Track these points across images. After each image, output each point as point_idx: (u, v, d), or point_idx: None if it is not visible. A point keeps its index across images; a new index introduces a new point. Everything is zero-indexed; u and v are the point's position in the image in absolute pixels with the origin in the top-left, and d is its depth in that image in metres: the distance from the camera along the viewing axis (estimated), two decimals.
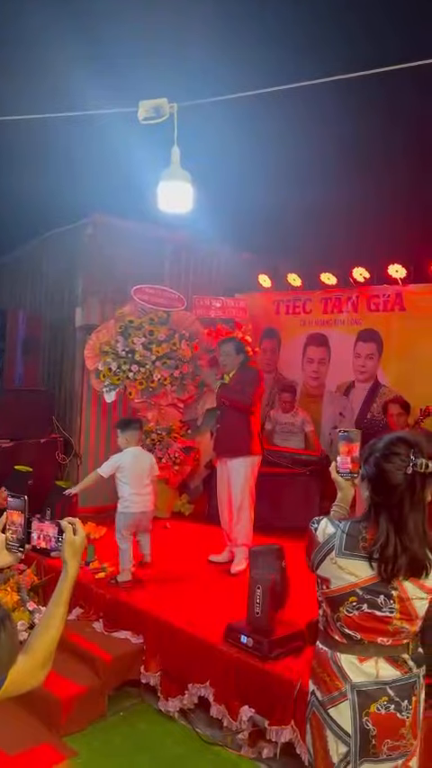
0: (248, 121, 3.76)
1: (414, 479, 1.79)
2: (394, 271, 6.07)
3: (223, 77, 3.01)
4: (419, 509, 1.82)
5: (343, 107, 3.53)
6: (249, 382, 4.80)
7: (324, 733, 1.92)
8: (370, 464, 1.87)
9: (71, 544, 1.68)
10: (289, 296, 7.18)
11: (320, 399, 6.91)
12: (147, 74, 2.93)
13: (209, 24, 2.75)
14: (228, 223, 5.85)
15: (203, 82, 3.05)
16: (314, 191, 4.80)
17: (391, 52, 2.79)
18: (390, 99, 3.47)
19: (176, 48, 2.93)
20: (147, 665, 3.70)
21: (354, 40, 2.85)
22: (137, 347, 6.00)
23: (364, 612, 1.84)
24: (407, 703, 1.88)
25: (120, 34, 2.83)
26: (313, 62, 2.99)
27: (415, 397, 5.65)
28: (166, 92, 2.84)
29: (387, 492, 1.82)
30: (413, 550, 1.79)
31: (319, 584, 1.95)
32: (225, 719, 3.26)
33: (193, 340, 6.33)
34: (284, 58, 3.03)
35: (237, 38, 2.85)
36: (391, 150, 4.20)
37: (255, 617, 3.32)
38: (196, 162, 3.54)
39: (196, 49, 2.90)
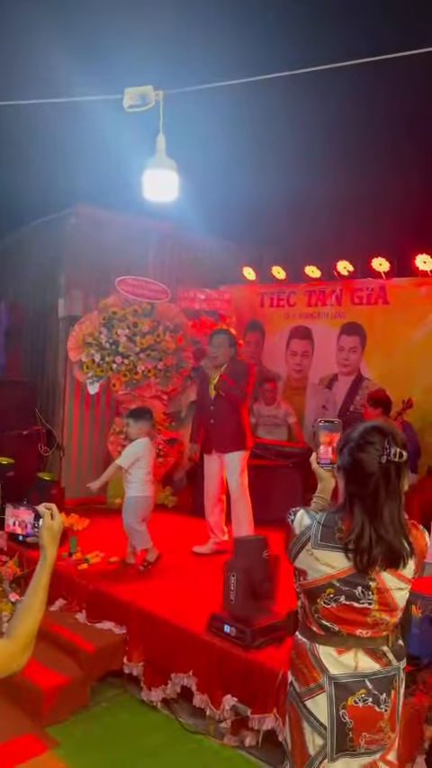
0: (235, 111, 3.74)
1: (388, 468, 1.78)
2: (378, 264, 6.09)
3: (210, 65, 2.99)
4: (395, 498, 1.81)
5: (329, 98, 3.53)
6: (242, 375, 4.80)
7: (301, 725, 1.91)
8: (345, 454, 1.86)
9: (49, 529, 1.68)
10: (273, 289, 7.19)
11: (303, 392, 6.94)
12: (132, 61, 2.91)
13: (195, 12, 2.73)
14: (212, 215, 5.83)
15: (190, 70, 3.02)
16: (299, 183, 4.80)
17: (378, 43, 2.79)
18: (375, 91, 3.48)
19: (163, 35, 2.90)
20: (129, 655, 3.70)
21: (341, 30, 2.84)
22: (121, 339, 5.98)
23: (341, 604, 1.83)
24: (385, 696, 1.87)
25: (106, 20, 2.80)
26: (300, 52, 2.98)
27: (397, 390, 5.70)
28: (152, 79, 2.82)
29: (362, 481, 1.81)
30: (388, 540, 1.79)
31: (296, 576, 1.94)
32: (208, 709, 3.27)
33: (177, 332, 6.31)
34: (271, 47, 3.02)
35: (223, 26, 2.83)
36: (375, 144, 4.21)
37: (229, 604, 3.34)
38: (181, 151, 3.52)
39: (183, 36, 2.88)
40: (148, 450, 4.48)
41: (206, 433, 4.96)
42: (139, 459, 4.39)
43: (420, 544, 1.88)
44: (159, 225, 6.65)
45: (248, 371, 4.87)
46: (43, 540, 1.67)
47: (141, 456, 4.39)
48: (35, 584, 1.64)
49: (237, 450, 4.79)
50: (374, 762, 1.90)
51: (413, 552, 1.84)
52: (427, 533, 1.94)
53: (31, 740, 3.12)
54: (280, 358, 7.03)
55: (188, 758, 3.15)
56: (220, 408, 4.82)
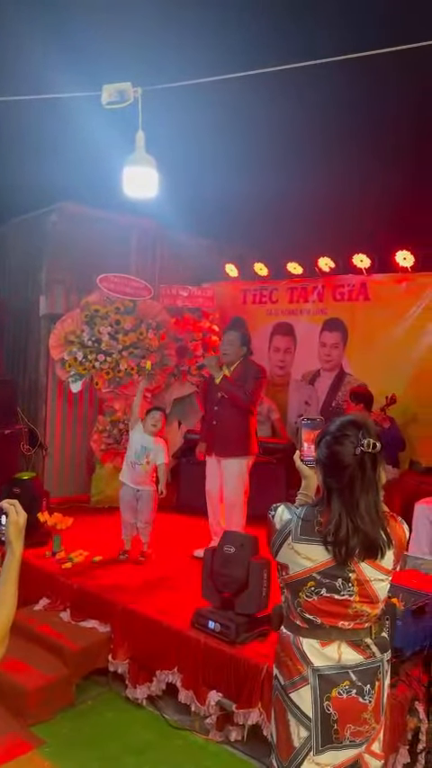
0: (215, 108, 3.74)
1: (363, 460, 1.81)
2: (359, 260, 6.13)
3: (189, 63, 2.99)
4: (371, 490, 1.84)
5: (310, 95, 3.54)
6: (252, 378, 4.61)
7: (286, 717, 1.93)
8: (322, 447, 1.90)
9: (14, 524, 1.71)
10: (255, 285, 7.20)
11: (286, 388, 6.96)
12: (111, 58, 2.89)
13: (173, 9, 2.73)
14: (194, 212, 5.83)
15: (169, 67, 3.02)
16: (281, 180, 4.81)
17: (359, 41, 2.80)
18: (356, 89, 3.49)
19: (142, 32, 2.89)
20: (114, 653, 3.70)
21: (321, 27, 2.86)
22: (103, 336, 5.95)
23: (323, 597, 1.86)
24: (369, 688, 1.90)
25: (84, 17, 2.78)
26: (277, 49, 2.99)
27: (379, 386, 5.75)
28: (131, 76, 2.81)
29: (338, 474, 1.84)
30: (365, 531, 1.81)
31: (279, 571, 1.96)
32: (193, 705, 3.29)
33: (160, 329, 6.30)
34: (250, 45, 3.02)
35: (202, 23, 2.83)
36: (356, 141, 4.23)
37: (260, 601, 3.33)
38: (163, 148, 3.51)
39: (161, 33, 2.87)
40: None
41: (208, 435, 4.79)
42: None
43: (398, 535, 1.91)
44: (141, 222, 6.63)
45: (258, 374, 4.66)
46: (10, 536, 1.70)
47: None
48: (5, 577, 1.67)
49: (237, 456, 4.61)
50: (360, 753, 1.93)
51: (391, 543, 1.86)
52: (405, 524, 1.97)
53: (15, 739, 3.11)
54: (263, 354, 7.04)
55: (174, 754, 3.16)
56: (224, 410, 4.63)
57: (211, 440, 4.79)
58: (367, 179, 4.78)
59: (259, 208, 5.46)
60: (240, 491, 4.68)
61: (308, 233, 6.05)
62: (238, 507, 4.68)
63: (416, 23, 2.69)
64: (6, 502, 1.74)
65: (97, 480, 6.17)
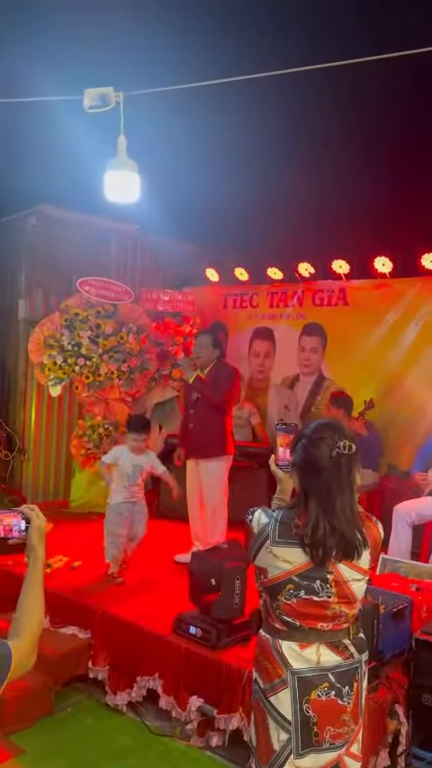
0: (198, 113, 3.75)
1: (339, 461, 1.84)
2: (338, 266, 6.18)
3: (171, 67, 2.99)
4: (347, 491, 1.86)
5: (291, 101, 3.56)
6: (224, 379, 4.67)
7: (266, 721, 1.94)
8: (298, 450, 1.92)
9: (38, 529, 1.73)
10: (236, 290, 7.22)
11: (266, 392, 6.99)
12: (93, 62, 2.89)
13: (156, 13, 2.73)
14: (175, 216, 5.83)
15: (151, 72, 3.02)
16: (261, 186, 4.83)
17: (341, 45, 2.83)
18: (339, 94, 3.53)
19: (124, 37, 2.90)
20: (95, 659, 3.67)
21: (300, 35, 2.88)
22: (83, 340, 5.92)
23: (301, 599, 1.87)
24: (348, 689, 1.91)
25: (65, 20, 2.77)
26: (261, 54, 3.01)
27: (357, 390, 5.80)
28: (113, 80, 2.80)
29: (315, 476, 1.86)
30: (342, 532, 1.83)
31: (257, 575, 1.97)
32: (174, 710, 3.27)
33: (140, 333, 6.29)
34: (233, 50, 3.04)
35: (185, 28, 2.84)
36: (336, 148, 4.27)
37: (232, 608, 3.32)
38: (144, 153, 3.51)
39: (144, 38, 2.88)
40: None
41: (186, 438, 4.82)
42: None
43: (374, 535, 1.94)
44: (122, 226, 6.62)
45: (231, 375, 4.73)
46: (33, 541, 1.72)
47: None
48: (32, 582, 1.71)
49: (214, 457, 4.63)
50: (340, 756, 1.94)
51: (367, 543, 1.89)
52: (380, 525, 2.00)
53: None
54: (243, 359, 7.07)
55: (155, 761, 3.14)
56: (199, 412, 4.68)
57: (188, 443, 4.82)
58: (347, 186, 4.82)
59: (240, 213, 5.49)
60: (221, 495, 4.70)
61: (288, 238, 6.08)
62: (220, 511, 4.69)
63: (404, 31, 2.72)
64: (27, 507, 1.76)
65: (77, 485, 6.13)
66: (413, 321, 5.83)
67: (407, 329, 5.85)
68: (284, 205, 5.23)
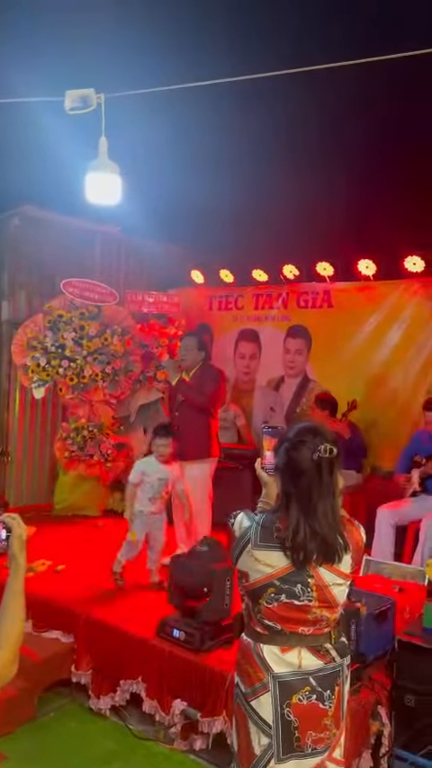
0: (181, 115, 3.74)
1: (321, 465, 1.84)
2: (322, 269, 6.20)
3: (153, 69, 2.99)
4: (328, 495, 1.86)
5: (276, 103, 3.56)
6: (210, 381, 4.66)
7: (247, 725, 1.94)
8: (281, 454, 1.92)
9: (18, 538, 1.73)
10: (221, 292, 7.23)
11: (252, 394, 7.00)
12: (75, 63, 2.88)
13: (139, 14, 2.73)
14: (160, 218, 5.81)
15: (133, 73, 3.01)
16: (247, 188, 4.83)
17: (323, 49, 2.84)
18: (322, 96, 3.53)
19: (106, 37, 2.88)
20: (78, 663, 3.65)
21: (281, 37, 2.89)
22: (67, 342, 5.89)
23: (282, 603, 1.87)
24: (329, 693, 1.91)
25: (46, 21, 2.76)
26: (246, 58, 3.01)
27: (341, 392, 5.82)
28: (95, 82, 2.79)
29: (296, 479, 1.86)
30: (323, 535, 1.84)
31: (240, 579, 1.97)
32: (157, 714, 3.26)
33: (125, 335, 6.27)
34: (217, 53, 3.04)
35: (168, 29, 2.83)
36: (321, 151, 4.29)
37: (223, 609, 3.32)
38: (128, 155, 3.50)
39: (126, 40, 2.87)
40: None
41: (172, 441, 4.73)
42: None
43: (356, 539, 1.94)
44: (106, 227, 6.60)
45: (216, 377, 4.73)
46: (14, 549, 1.72)
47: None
48: (13, 591, 1.70)
49: (198, 460, 4.62)
50: (323, 761, 1.93)
51: (348, 547, 1.89)
52: (362, 529, 2.00)
53: None
54: (228, 360, 7.07)
55: (138, 765, 3.13)
56: (184, 414, 4.67)
57: (173, 445, 4.78)
58: (332, 189, 4.84)
59: (225, 215, 5.48)
60: (205, 497, 4.70)
61: (273, 241, 6.09)
62: (204, 514, 4.69)
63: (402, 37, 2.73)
64: (8, 516, 1.76)
65: (61, 488, 6.09)
66: (396, 323, 5.87)
67: (390, 331, 5.89)
68: (269, 207, 5.23)
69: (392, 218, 5.07)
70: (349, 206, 5.05)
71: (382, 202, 4.86)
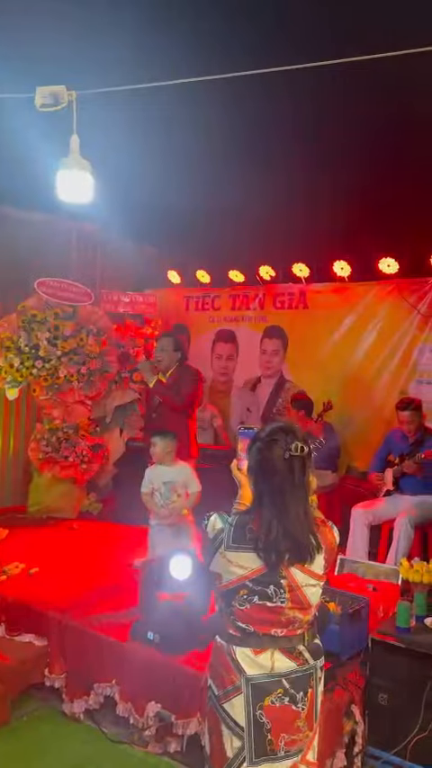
0: (157, 114, 3.72)
1: (292, 463, 1.84)
2: (298, 270, 6.24)
3: (127, 67, 2.97)
4: (300, 494, 1.87)
5: (249, 103, 3.56)
6: (187, 382, 4.64)
7: (219, 728, 1.93)
8: (253, 454, 1.92)
9: None
10: (198, 292, 7.22)
11: (229, 395, 7.00)
12: (46, 60, 2.84)
13: (111, 11, 2.70)
14: (137, 218, 5.78)
15: (106, 70, 2.98)
16: (223, 189, 4.82)
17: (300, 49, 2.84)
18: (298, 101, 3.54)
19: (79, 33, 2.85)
20: (51, 667, 3.61)
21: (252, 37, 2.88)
22: (41, 342, 5.83)
23: (255, 604, 1.86)
24: (302, 695, 1.91)
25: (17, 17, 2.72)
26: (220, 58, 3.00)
27: (316, 392, 5.86)
28: (67, 79, 2.77)
29: (269, 479, 1.86)
30: (294, 535, 1.83)
31: (213, 581, 1.96)
32: (131, 717, 3.24)
33: (101, 335, 6.22)
34: (191, 52, 3.02)
35: (141, 28, 2.81)
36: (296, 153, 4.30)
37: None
38: (104, 153, 3.47)
39: (98, 37, 2.84)
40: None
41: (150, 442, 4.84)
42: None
43: (328, 540, 1.94)
44: (82, 227, 6.54)
45: (194, 377, 4.72)
46: None
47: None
48: None
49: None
50: (295, 764, 1.93)
51: (320, 547, 1.89)
52: (335, 529, 2.00)
53: None
54: (206, 361, 7.07)
55: None
56: (162, 415, 4.67)
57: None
58: (308, 191, 4.85)
59: (202, 215, 5.47)
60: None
61: (249, 242, 6.10)
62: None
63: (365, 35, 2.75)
64: None
65: (35, 490, 6.02)
66: (371, 324, 5.93)
67: (365, 332, 5.95)
68: (246, 209, 5.23)
69: (367, 221, 5.11)
70: (325, 208, 5.07)
71: (358, 205, 4.89)
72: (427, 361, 5.61)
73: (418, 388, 5.57)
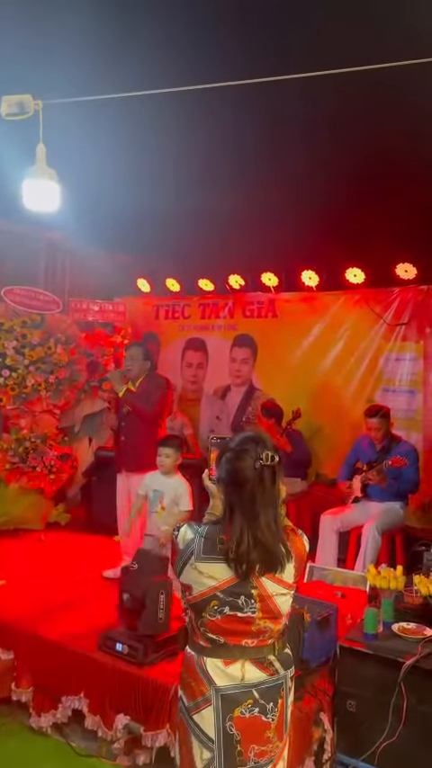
0: (127, 124, 3.72)
1: (263, 473, 1.84)
2: (267, 279, 6.30)
3: (94, 76, 2.97)
4: (271, 503, 1.86)
5: (220, 114, 3.58)
6: (156, 391, 4.63)
7: (189, 740, 1.91)
8: (223, 464, 1.91)
9: None
10: (168, 301, 7.23)
11: (198, 403, 7.00)
12: (12, 68, 2.83)
13: (78, 20, 2.71)
14: (105, 226, 5.76)
15: (73, 80, 2.98)
16: (192, 198, 4.84)
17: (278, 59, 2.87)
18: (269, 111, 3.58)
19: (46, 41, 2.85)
20: (18, 681, 3.55)
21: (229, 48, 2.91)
22: (8, 351, 5.76)
23: (226, 615, 1.85)
24: (272, 705, 1.90)
25: None
26: (194, 65, 3.02)
27: (286, 400, 5.90)
28: (33, 88, 2.75)
29: (239, 489, 1.85)
30: (265, 544, 1.83)
31: (183, 592, 1.95)
32: (100, 730, 3.20)
33: (69, 344, 6.18)
34: (162, 61, 3.03)
35: (107, 34, 2.82)
36: (268, 164, 4.34)
37: (157, 623, 3.24)
38: (71, 162, 3.45)
39: (65, 46, 2.84)
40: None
41: (118, 451, 4.81)
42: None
43: (298, 548, 1.95)
44: (50, 235, 6.50)
45: (163, 386, 4.72)
46: None
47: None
48: None
49: (143, 471, 4.50)
50: None
51: (290, 556, 1.89)
52: (305, 537, 2.01)
53: None
54: (176, 369, 7.07)
55: None
56: (130, 424, 4.64)
57: (120, 456, 4.76)
58: (276, 201, 4.91)
59: (172, 224, 5.48)
60: None
61: (219, 251, 6.13)
62: None
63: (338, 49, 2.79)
64: None
65: (2, 501, 5.92)
66: (338, 333, 6.00)
67: (332, 341, 6.02)
68: (216, 218, 5.26)
69: (334, 231, 5.19)
70: (293, 218, 5.13)
71: (325, 216, 4.96)
72: (392, 370, 5.70)
73: (384, 396, 5.65)
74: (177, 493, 4.11)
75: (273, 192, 4.77)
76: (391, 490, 4.70)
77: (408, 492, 4.81)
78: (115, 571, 4.56)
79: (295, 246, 5.67)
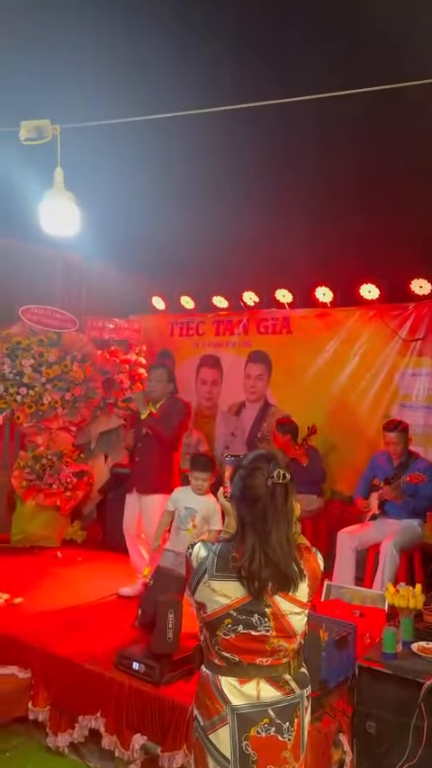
0: (139, 145, 3.79)
1: (275, 491, 1.84)
2: (281, 295, 6.32)
3: (111, 100, 3.03)
4: (283, 521, 1.85)
5: (235, 136, 3.64)
6: (176, 414, 4.63)
7: (206, 759, 1.90)
8: (236, 481, 1.92)
9: None
10: (182, 318, 7.27)
11: (213, 419, 7.01)
12: (31, 94, 2.90)
13: (95, 45, 2.77)
14: (120, 245, 5.83)
15: (90, 104, 3.04)
16: (207, 218, 4.90)
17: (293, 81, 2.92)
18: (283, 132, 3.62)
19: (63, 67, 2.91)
20: (35, 700, 3.54)
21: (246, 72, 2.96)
22: (25, 369, 5.82)
23: (240, 634, 1.84)
24: (288, 725, 1.88)
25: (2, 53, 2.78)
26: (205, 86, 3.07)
27: (301, 417, 5.89)
28: (51, 113, 2.81)
29: (252, 507, 1.86)
30: (276, 562, 1.82)
31: (198, 611, 1.94)
32: (117, 750, 3.18)
33: (85, 362, 6.23)
34: (176, 84, 3.09)
35: (124, 60, 2.88)
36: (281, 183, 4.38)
37: (166, 643, 3.21)
38: (85, 183, 3.52)
39: (82, 71, 2.90)
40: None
41: (132, 471, 4.82)
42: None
43: (312, 567, 1.93)
44: (66, 254, 6.59)
45: (183, 410, 4.71)
46: None
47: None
48: None
49: (156, 494, 4.55)
50: None
51: (304, 575, 1.88)
52: (319, 556, 2.00)
53: None
54: (190, 386, 7.09)
55: None
56: (147, 446, 4.64)
57: (133, 476, 4.77)
58: (290, 218, 4.94)
59: (186, 242, 5.53)
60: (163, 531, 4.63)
61: (233, 268, 6.17)
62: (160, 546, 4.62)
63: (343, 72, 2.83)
64: None
65: (18, 518, 5.95)
66: (353, 349, 5.99)
67: (347, 357, 6.00)
68: (230, 235, 5.30)
69: (349, 247, 5.20)
70: (306, 235, 5.16)
71: (339, 232, 4.98)
72: (408, 386, 5.67)
73: (401, 411, 5.61)
74: (209, 512, 4.11)
75: (286, 210, 4.81)
76: (408, 507, 4.66)
77: (425, 509, 4.76)
78: (132, 588, 4.56)
79: (309, 263, 5.69)
